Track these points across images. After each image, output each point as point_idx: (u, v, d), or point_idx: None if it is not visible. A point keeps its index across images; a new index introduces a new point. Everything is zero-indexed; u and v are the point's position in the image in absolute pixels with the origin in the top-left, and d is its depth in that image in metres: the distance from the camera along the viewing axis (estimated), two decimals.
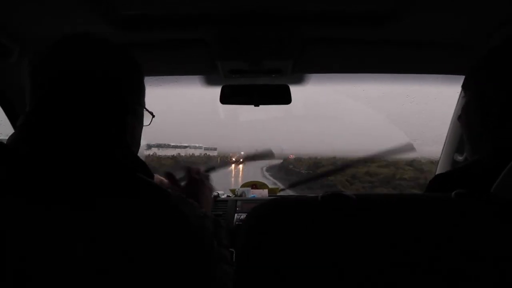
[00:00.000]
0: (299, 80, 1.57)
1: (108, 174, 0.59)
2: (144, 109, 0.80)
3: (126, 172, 0.61)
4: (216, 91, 1.56)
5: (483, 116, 0.78)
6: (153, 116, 0.84)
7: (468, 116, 0.84)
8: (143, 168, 0.66)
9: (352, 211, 0.53)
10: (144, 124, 0.82)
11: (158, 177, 1.05)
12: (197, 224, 0.63)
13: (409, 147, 1.69)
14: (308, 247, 0.52)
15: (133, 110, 0.74)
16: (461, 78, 1.45)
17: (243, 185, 2.16)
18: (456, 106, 1.57)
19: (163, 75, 1.55)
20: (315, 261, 0.51)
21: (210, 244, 0.65)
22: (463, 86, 0.88)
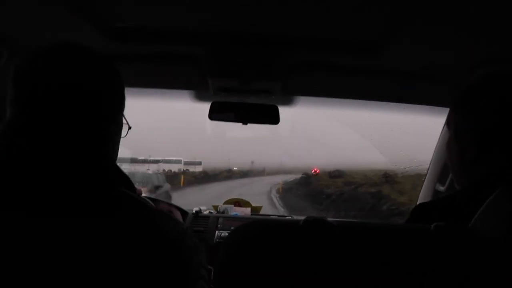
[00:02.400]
0: (287, 102, 1.59)
1: (89, 189, 0.58)
2: (123, 120, 0.79)
3: (107, 186, 0.60)
4: (205, 106, 1.57)
5: (461, 152, 0.80)
6: (130, 128, 0.83)
7: (449, 150, 0.87)
8: (125, 181, 0.65)
9: (332, 238, 0.53)
10: (122, 136, 0.80)
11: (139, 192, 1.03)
12: (178, 240, 0.62)
13: None
14: (286, 270, 0.52)
15: (115, 120, 0.73)
16: (445, 110, 1.50)
17: (226, 202, 2.15)
18: (439, 137, 1.60)
19: (154, 88, 1.55)
20: (292, 284, 0.51)
21: (189, 261, 0.64)
22: (446, 122, 0.91)
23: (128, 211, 0.59)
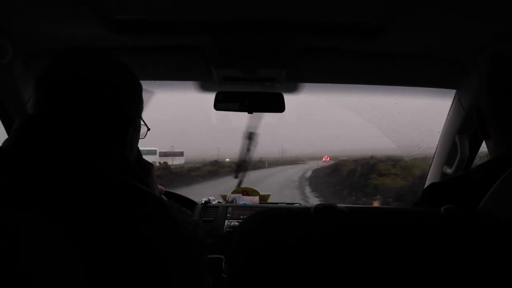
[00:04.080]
0: (292, 89, 1.58)
1: (106, 185, 0.59)
2: (142, 121, 0.81)
3: (125, 182, 0.61)
4: (210, 97, 1.56)
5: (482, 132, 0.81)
6: (148, 129, 0.85)
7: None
8: (139, 178, 0.67)
9: (343, 224, 0.54)
10: (140, 137, 0.83)
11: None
12: (191, 232, 0.64)
13: None
14: (299, 258, 0.52)
15: (133, 122, 0.76)
16: (451, 92, 1.48)
17: (234, 191, 2.16)
18: (446, 119, 1.59)
19: (157, 80, 1.55)
20: (306, 271, 0.51)
21: (201, 251, 0.66)
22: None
23: (146, 204, 0.60)
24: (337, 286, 0.50)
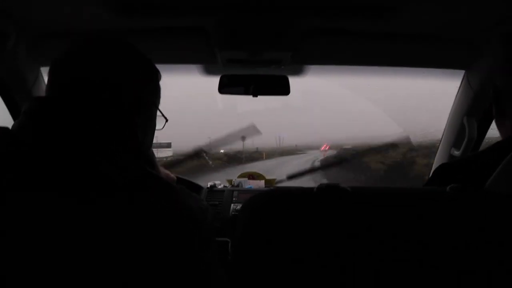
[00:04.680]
0: (298, 71, 1.56)
1: (119, 170, 0.59)
2: (159, 112, 0.82)
3: (138, 168, 0.61)
4: (214, 80, 1.55)
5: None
6: (167, 120, 0.85)
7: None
8: (151, 165, 0.67)
9: (347, 203, 0.53)
10: (157, 128, 0.84)
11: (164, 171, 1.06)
12: (201, 217, 0.64)
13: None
14: (303, 238, 0.52)
15: (147, 112, 0.76)
16: (461, 73, 1.46)
17: (240, 176, 2.16)
18: (454, 101, 1.57)
19: (161, 63, 1.54)
20: (310, 251, 0.51)
21: (209, 237, 0.66)
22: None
23: (157, 189, 0.61)
24: (343, 266, 0.50)
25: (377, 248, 0.50)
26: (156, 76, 0.80)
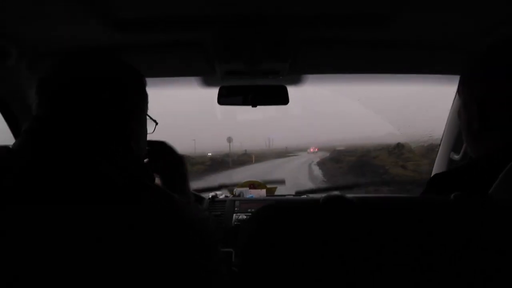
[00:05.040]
0: (296, 81, 1.58)
1: (115, 181, 0.59)
2: (148, 117, 0.82)
3: (133, 178, 0.61)
4: (213, 92, 1.56)
5: (480, 117, 0.77)
6: (156, 124, 0.86)
7: (465, 115, 0.84)
8: (146, 174, 0.67)
9: (353, 215, 0.54)
10: (147, 132, 0.84)
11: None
12: (201, 227, 0.64)
13: None
14: (309, 250, 0.52)
15: (138, 118, 0.76)
16: (457, 78, 1.47)
17: (241, 185, 2.16)
18: (452, 106, 1.58)
19: (160, 77, 1.55)
20: (316, 263, 0.52)
21: (213, 246, 0.66)
22: (460, 84, 0.88)
23: (154, 200, 0.61)
24: (350, 278, 0.50)
25: (385, 258, 0.50)
26: (142, 81, 0.80)
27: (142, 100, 0.80)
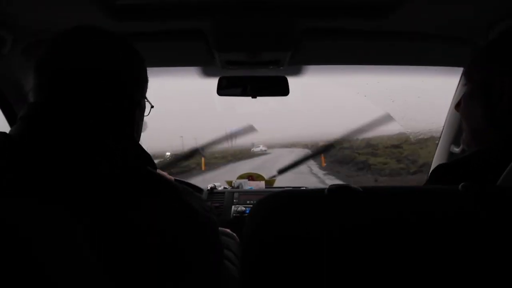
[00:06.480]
0: (297, 72, 1.56)
1: (121, 172, 0.58)
2: (146, 100, 0.79)
3: (139, 168, 0.60)
4: (213, 82, 1.55)
5: (488, 107, 0.76)
6: (152, 107, 0.83)
7: (470, 106, 0.83)
8: (150, 162, 0.66)
9: (359, 204, 0.53)
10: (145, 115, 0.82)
11: (161, 172, 1.04)
12: (205, 217, 0.63)
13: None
14: (314, 239, 0.52)
15: (137, 101, 0.74)
16: (459, 70, 1.46)
17: (240, 177, 2.16)
18: (453, 98, 1.57)
19: (159, 67, 1.53)
20: (322, 252, 0.51)
21: (216, 236, 0.66)
22: (465, 75, 0.86)
23: (162, 190, 0.60)
24: (357, 270, 0.49)
25: (392, 248, 0.49)
26: (143, 65, 0.78)
27: (143, 84, 0.78)
